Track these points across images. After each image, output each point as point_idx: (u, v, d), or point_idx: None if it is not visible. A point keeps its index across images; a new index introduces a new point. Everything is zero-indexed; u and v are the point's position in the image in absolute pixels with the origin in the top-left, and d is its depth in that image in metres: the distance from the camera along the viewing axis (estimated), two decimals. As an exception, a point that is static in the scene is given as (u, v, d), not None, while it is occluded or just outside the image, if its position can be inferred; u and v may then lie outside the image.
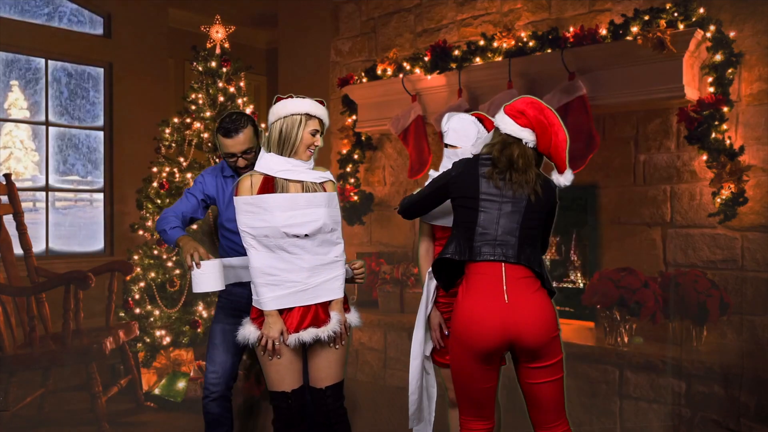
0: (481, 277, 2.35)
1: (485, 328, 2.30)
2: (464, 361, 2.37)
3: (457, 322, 2.36)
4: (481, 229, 2.37)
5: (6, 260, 4.24)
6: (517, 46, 4.43)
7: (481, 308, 2.31)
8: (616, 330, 3.91)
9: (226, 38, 4.82)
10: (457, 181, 2.47)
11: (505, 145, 2.43)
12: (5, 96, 6.25)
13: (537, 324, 2.35)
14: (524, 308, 2.32)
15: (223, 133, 2.84)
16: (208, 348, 3.00)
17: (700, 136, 3.85)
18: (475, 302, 2.33)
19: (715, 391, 3.60)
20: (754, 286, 3.90)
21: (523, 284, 2.35)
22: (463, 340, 2.34)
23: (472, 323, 2.32)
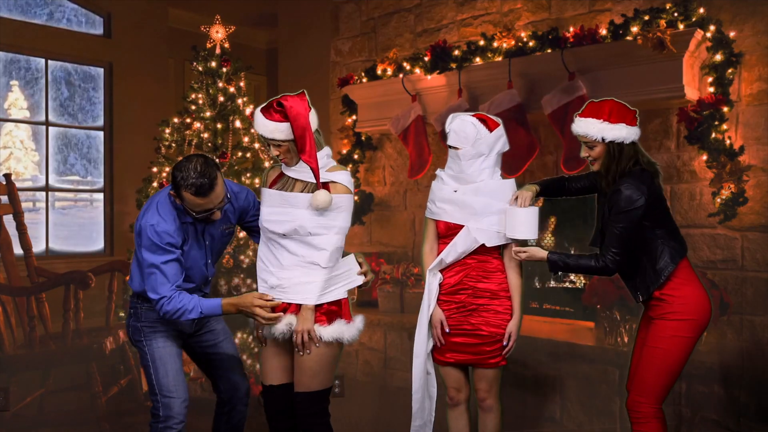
0: (688, 268, 2.63)
1: (711, 308, 2.63)
2: (693, 345, 2.60)
3: (698, 306, 2.57)
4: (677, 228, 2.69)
5: (6, 260, 4.24)
6: (517, 46, 4.43)
7: (705, 291, 2.64)
8: (616, 330, 3.91)
9: (226, 38, 4.82)
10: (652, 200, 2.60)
11: (640, 151, 2.75)
12: (5, 96, 6.25)
13: None
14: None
15: (194, 192, 2.44)
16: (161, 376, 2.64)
17: (700, 136, 3.85)
18: (702, 287, 2.62)
19: (715, 391, 3.61)
20: (754, 286, 3.90)
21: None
22: (704, 323, 2.60)
23: (709, 305, 2.61)
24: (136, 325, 2.70)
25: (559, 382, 4.10)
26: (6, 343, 3.92)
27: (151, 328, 2.69)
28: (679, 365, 2.61)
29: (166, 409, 2.63)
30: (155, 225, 2.53)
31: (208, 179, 2.44)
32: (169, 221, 2.54)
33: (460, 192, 2.79)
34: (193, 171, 2.44)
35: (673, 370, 2.61)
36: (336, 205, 2.54)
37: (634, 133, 2.73)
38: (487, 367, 2.78)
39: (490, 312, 2.76)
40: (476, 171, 2.79)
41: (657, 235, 2.60)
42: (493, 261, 2.79)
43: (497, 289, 2.78)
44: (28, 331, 4.07)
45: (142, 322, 2.69)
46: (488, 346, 2.77)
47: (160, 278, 2.51)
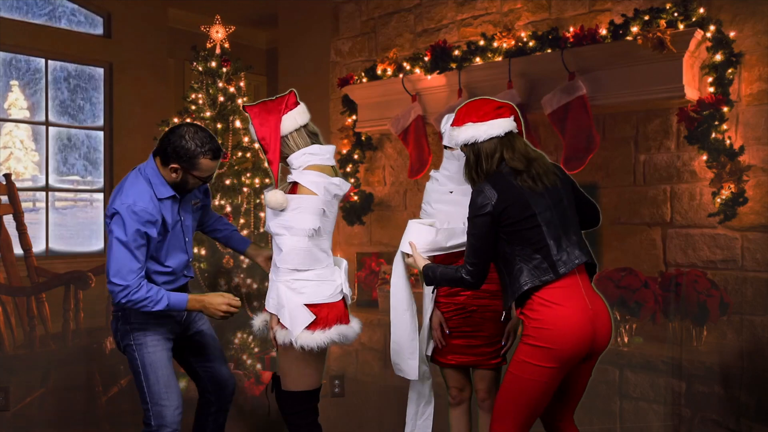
0: (565, 287, 2.26)
1: (582, 338, 2.23)
2: (549, 372, 2.24)
3: (552, 333, 2.22)
4: (551, 243, 2.27)
5: (6, 260, 4.24)
6: (517, 46, 4.43)
7: (578, 318, 2.23)
8: (616, 330, 3.91)
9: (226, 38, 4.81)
10: (502, 206, 2.29)
11: (510, 144, 2.36)
12: (5, 96, 6.25)
13: (610, 326, 2.35)
14: (601, 312, 2.31)
15: (213, 156, 2.51)
16: (152, 383, 2.53)
17: (700, 136, 3.85)
18: (571, 313, 2.23)
19: (715, 391, 3.61)
20: (754, 286, 3.90)
21: (588, 284, 2.35)
22: (559, 352, 2.22)
23: (572, 333, 2.22)
24: (125, 328, 2.56)
25: (559, 382, 4.10)
26: (6, 343, 3.92)
27: (141, 331, 2.56)
28: (529, 395, 2.28)
29: (158, 418, 2.52)
30: (132, 205, 2.42)
31: (219, 145, 2.53)
32: (145, 200, 2.46)
33: (456, 193, 2.77)
34: (204, 136, 2.50)
35: (523, 400, 2.29)
36: (294, 206, 2.48)
37: (484, 130, 2.36)
38: (487, 368, 2.78)
39: (491, 312, 2.76)
40: None
41: (516, 251, 2.30)
42: None
43: (497, 290, 2.77)
44: (28, 331, 4.07)
45: (131, 324, 2.55)
46: (489, 347, 2.76)
47: (130, 264, 2.38)
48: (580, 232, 2.41)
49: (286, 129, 2.56)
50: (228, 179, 4.65)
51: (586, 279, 2.34)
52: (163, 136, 2.55)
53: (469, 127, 2.38)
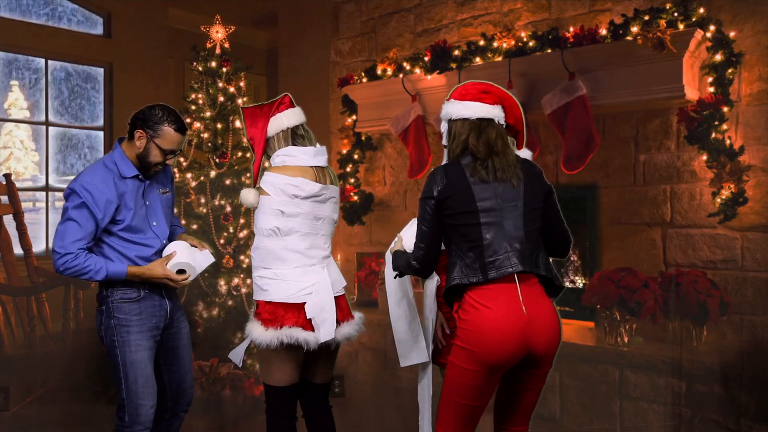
0: (498, 290, 2.17)
1: (509, 343, 2.13)
2: (474, 375, 2.17)
3: (476, 336, 2.15)
4: (488, 245, 2.17)
5: (6, 260, 4.25)
6: (517, 46, 4.43)
7: (505, 322, 2.14)
8: (616, 330, 3.91)
9: (226, 38, 4.82)
10: (447, 194, 2.21)
11: (480, 130, 2.24)
12: (5, 96, 6.25)
13: (551, 334, 2.24)
14: (540, 319, 2.20)
15: (177, 128, 2.61)
16: (131, 381, 2.56)
17: (700, 136, 3.85)
18: (498, 316, 2.15)
19: (715, 391, 3.60)
20: (754, 286, 3.90)
21: (536, 292, 2.23)
22: (483, 355, 2.15)
23: (497, 340, 2.13)
24: (109, 323, 2.59)
25: (559, 382, 4.10)
26: (6, 343, 3.92)
27: (125, 327, 2.58)
28: (461, 397, 2.21)
29: (133, 415, 2.56)
30: (86, 183, 2.52)
31: (183, 121, 2.64)
32: (98, 179, 2.55)
33: None
34: (170, 110, 2.62)
35: (457, 402, 2.22)
36: (258, 206, 2.61)
37: (457, 109, 2.28)
38: None
39: None
40: None
41: (454, 243, 2.23)
42: None
43: None
44: (28, 331, 4.07)
45: (115, 319, 2.58)
46: None
47: (75, 233, 2.47)
48: (535, 240, 2.25)
49: (272, 131, 2.66)
50: (228, 179, 4.65)
51: (531, 288, 2.21)
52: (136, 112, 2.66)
53: (449, 104, 2.32)
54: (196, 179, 4.63)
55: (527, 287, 2.20)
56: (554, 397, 4.11)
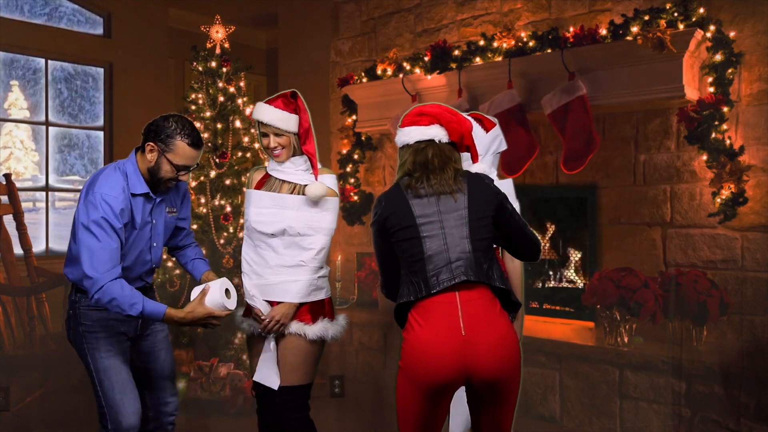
0: (434, 308, 2.11)
1: (440, 365, 2.05)
2: (413, 397, 2.12)
3: (409, 356, 2.11)
4: (430, 257, 2.14)
5: (6, 260, 4.25)
6: (517, 46, 4.43)
7: (437, 343, 2.06)
8: (616, 330, 3.91)
9: (226, 38, 4.82)
10: (386, 214, 2.21)
11: (418, 152, 2.24)
12: (5, 96, 6.25)
13: (497, 358, 2.08)
14: (483, 340, 2.07)
15: (191, 142, 2.42)
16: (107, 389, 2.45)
17: (700, 136, 3.85)
18: (429, 337, 2.08)
19: (715, 391, 3.61)
20: (754, 286, 3.90)
21: (482, 310, 2.11)
22: (415, 377, 2.09)
23: (427, 360, 2.07)
24: (77, 329, 2.46)
25: (560, 382, 4.11)
26: (6, 343, 3.92)
27: (93, 333, 2.45)
28: (407, 414, 2.15)
29: (115, 423, 2.47)
30: (105, 194, 2.34)
31: (200, 136, 2.48)
32: (118, 191, 2.38)
33: None
34: (185, 123, 2.44)
35: (406, 419, 2.16)
36: (324, 206, 2.59)
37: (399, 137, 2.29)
38: None
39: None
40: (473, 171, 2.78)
41: (402, 262, 2.22)
42: None
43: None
44: (28, 331, 4.07)
45: (83, 326, 2.45)
46: None
47: (103, 255, 2.28)
48: (484, 251, 2.18)
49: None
50: (228, 179, 4.65)
51: (478, 303, 2.12)
52: (148, 123, 2.49)
53: (397, 134, 2.31)
54: (196, 179, 4.63)
55: (473, 303, 2.11)
56: (554, 397, 4.12)
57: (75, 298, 2.48)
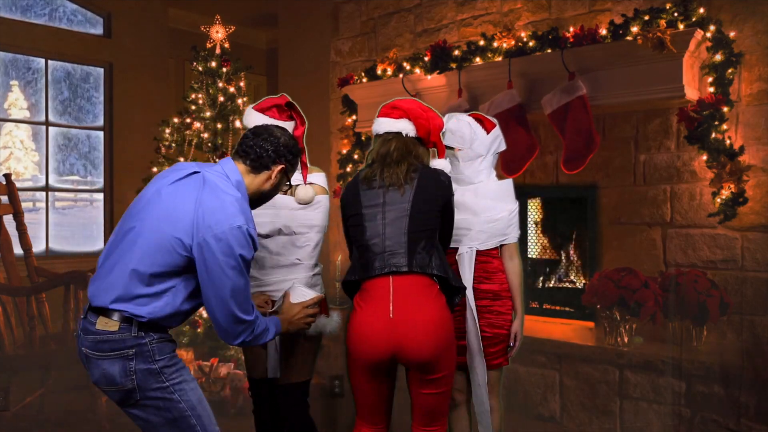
0: (371, 292, 2.30)
1: (370, 344, 2.27)
2: (355, 374, 2.40)
3: (348, 336, 2.34)
4: (369, 243, 2.33)
5: (6, 260, 4.24)
6: (517, 46, 4.43)
7: (368, 324, 2.27)
8: (616, 330, 3.91)
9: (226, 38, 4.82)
10: (344, 202, 2.47)
11: (383, 142, 2.45)
12: (5, 96, 6.25)
13: (422, 339, 2.24)
14: (410, 322, 2.24)
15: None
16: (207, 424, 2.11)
17: (700, 136, 3.85)
18: (363, 318, 2.29)
19: (715, 391, 3.61)
20: (754, 286, 3.90)
21: (413, 295, 2.27)
22: (353, 355, 2.35)
23: (359, 339, 2.29)
24: (151, 368, 2.03)
25: (560, 382, 4.11)
26: (6, 343, 3.92)
27: (172, 366, 2.08)
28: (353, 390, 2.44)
29: None
30: (244, 227, 2.01)
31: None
32: (251, 217, 2.08)
33: (458, 194, 2.78)
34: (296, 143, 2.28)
35: (354, 395, 2.45)
36: (316, 204, 2.62)
37: (373, 128, 2.54)
38: (490, 369, 2.78)
39: (493, 313, 2.76)
40: (474, 172, 2.79)
41: (353, 244, 2.45)
42: (493, 261, 2.79)
43: (499, 290, 2.78)
44: (28, 331, 4.07)
45: (158, 362, 2.04)
46: (492, 347, 2.76)
47: (247, 292, 2.05)
48: (425, 242, 2.32)
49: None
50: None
51: (411, 290, 2.27)
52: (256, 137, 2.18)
53: (374, 122, 2.53)
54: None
55: (405, 288, 2.26)
56: (554, 397, 4.12)
57: (138, 333, 2.03)
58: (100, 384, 2.08)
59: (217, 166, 2.17)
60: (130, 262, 2.02)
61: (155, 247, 2.01)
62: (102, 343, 2.02)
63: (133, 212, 2.14)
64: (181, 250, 2.00)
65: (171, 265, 2.01)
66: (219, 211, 2.00)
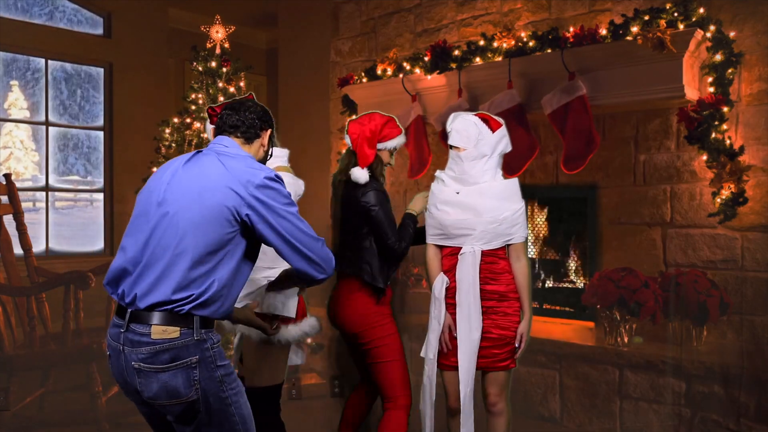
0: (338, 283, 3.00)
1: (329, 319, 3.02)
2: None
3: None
4: (337, 243, 2.99)
5: (6, 260, 4.24)
6: (517, 46, 4.43)
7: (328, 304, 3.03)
8: (616, 330, 3.91)
9: (226, 38, 4.82)
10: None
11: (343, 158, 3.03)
12: (5, 96, 6.25)
13: (344, 318, 2.92)
14: (340, 307, 2.92)
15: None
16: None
17: (700, 136, 3.85)
18: (330, 301, 3.01)
19: (715, 391, 3.61)
20: (754, 286, 3.90)
21: (350, 288, 2.90)
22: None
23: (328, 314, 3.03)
24: (213, 375, 1.94)
25: (560, 382, 4.11)
26: (6, 343, 3.92)
27: (231, 374, 2.01)
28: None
29: None
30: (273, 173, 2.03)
31: None
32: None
33: (463, 194, 2.76)
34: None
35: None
36: None
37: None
38: (497, 371, 2.76)
39: (499, 314, 2.74)
40: (479, 172, 2.75)
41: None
42: (500, 262, 2.76)
43: (506, 291, 2.75)
44: (28, 331, 4.07)
45: (220, 369, 1.97)
46: (498, 349, 2.74)
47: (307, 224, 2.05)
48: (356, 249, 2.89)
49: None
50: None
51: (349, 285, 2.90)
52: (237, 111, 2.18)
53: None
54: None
55: (346, 284, 2.92)
56: (554, 397, 4.12)
57: (200, 336, 1.94)
58: (158, 399, 1.93)
59: (214, 143, 2.15)
60: (180, 245, 1.92)
61: (203, 221, 1.93)
62: (161, 354, 1.90)
63: (153, 201, 2.04)
64: (229, 216, 1.95)
65: (220, 237, 1.94)
66: (248, 169, 2.00)
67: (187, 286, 1.92)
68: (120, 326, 1.96)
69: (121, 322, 1.95)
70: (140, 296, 1.93)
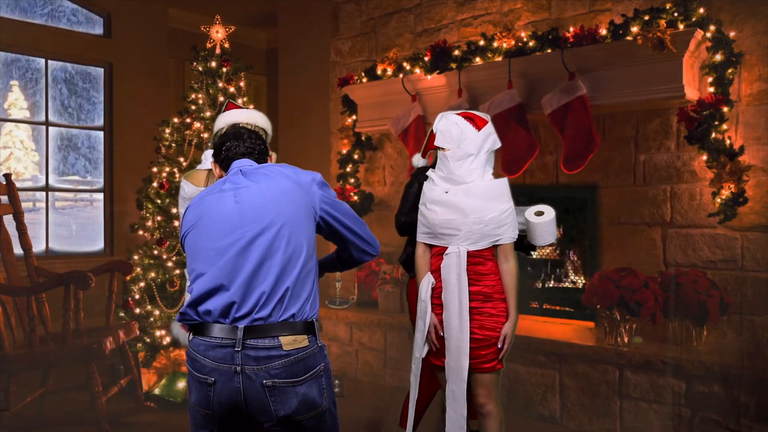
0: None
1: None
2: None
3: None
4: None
5: (6, 260, 4.24)
6: (517, 46, 4.43)
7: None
8: (616, 330, 3.91)
9: (226, 38, 4.82)
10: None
11: None
12: (5, 96, 6.25)
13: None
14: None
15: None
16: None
17: (700, 136, 3.85)
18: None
19: (715, 391, 3.61)
20: (754, 286, 3.90)
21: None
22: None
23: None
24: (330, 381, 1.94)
25: (560, 382, 4.11)
26: (6, 343, 3.92)
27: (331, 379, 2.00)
28: None
29: None
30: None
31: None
32: None
33: (451, 193, 2.74)
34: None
35: None
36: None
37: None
38: (483, 372, 2.74)
39: (484, 315, 2.72)
40: (466, 172, 2.72)
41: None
42: (486, 263, 2.73)
43: (490, 292, 2.73)
44: (28, 331, 4.07)
45: (329, 373, 1.95)
46: (483, 350, 2.72)
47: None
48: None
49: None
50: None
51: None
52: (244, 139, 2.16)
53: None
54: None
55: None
56: (554, 397, 4.12)
57: (319, 341, 1.93)
58: (297, 414, 1.83)
59: (240, 165, 2.09)
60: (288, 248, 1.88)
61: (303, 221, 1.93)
62: (296, 365, 1.82)
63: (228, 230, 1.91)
64: (311, 212, 1.98)
65: (313, 232, 1.97)
66: (301, 172, 2.05)
67: (302, 288, 1.88)
68: (230, 345, 1.80)
69: (230, 341, 1.80)
70: (258, 308, 1.82)
